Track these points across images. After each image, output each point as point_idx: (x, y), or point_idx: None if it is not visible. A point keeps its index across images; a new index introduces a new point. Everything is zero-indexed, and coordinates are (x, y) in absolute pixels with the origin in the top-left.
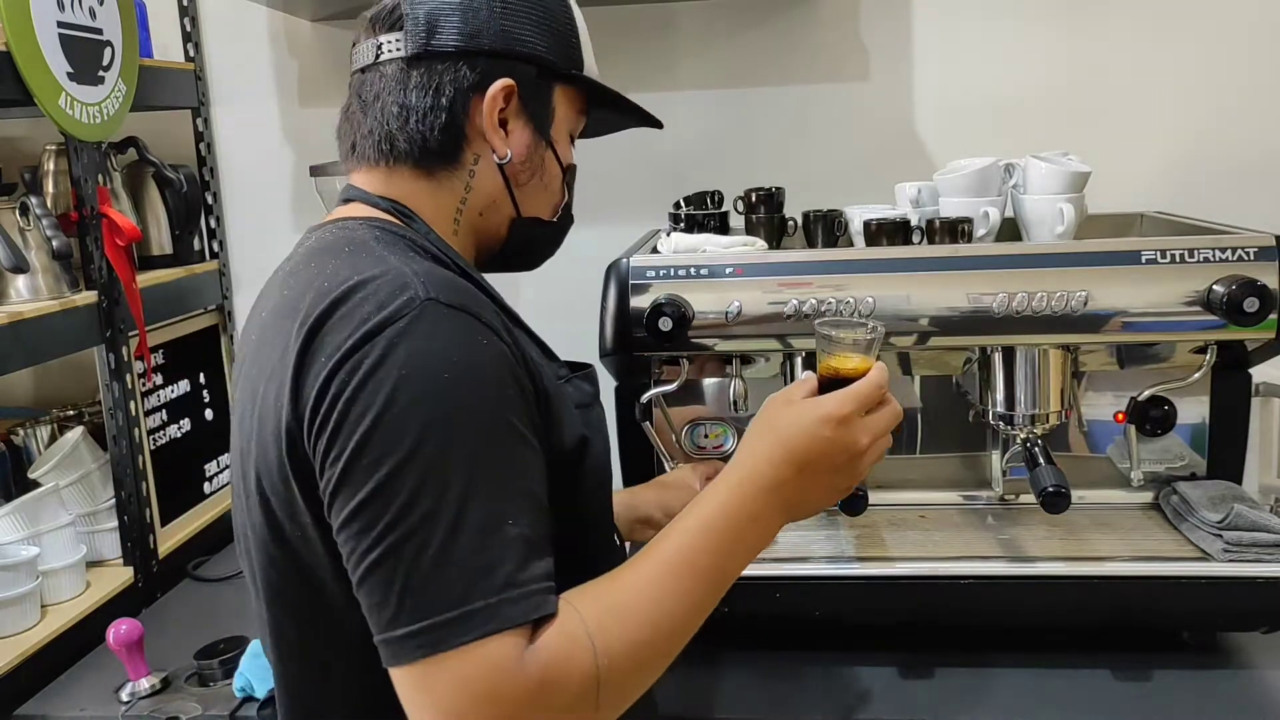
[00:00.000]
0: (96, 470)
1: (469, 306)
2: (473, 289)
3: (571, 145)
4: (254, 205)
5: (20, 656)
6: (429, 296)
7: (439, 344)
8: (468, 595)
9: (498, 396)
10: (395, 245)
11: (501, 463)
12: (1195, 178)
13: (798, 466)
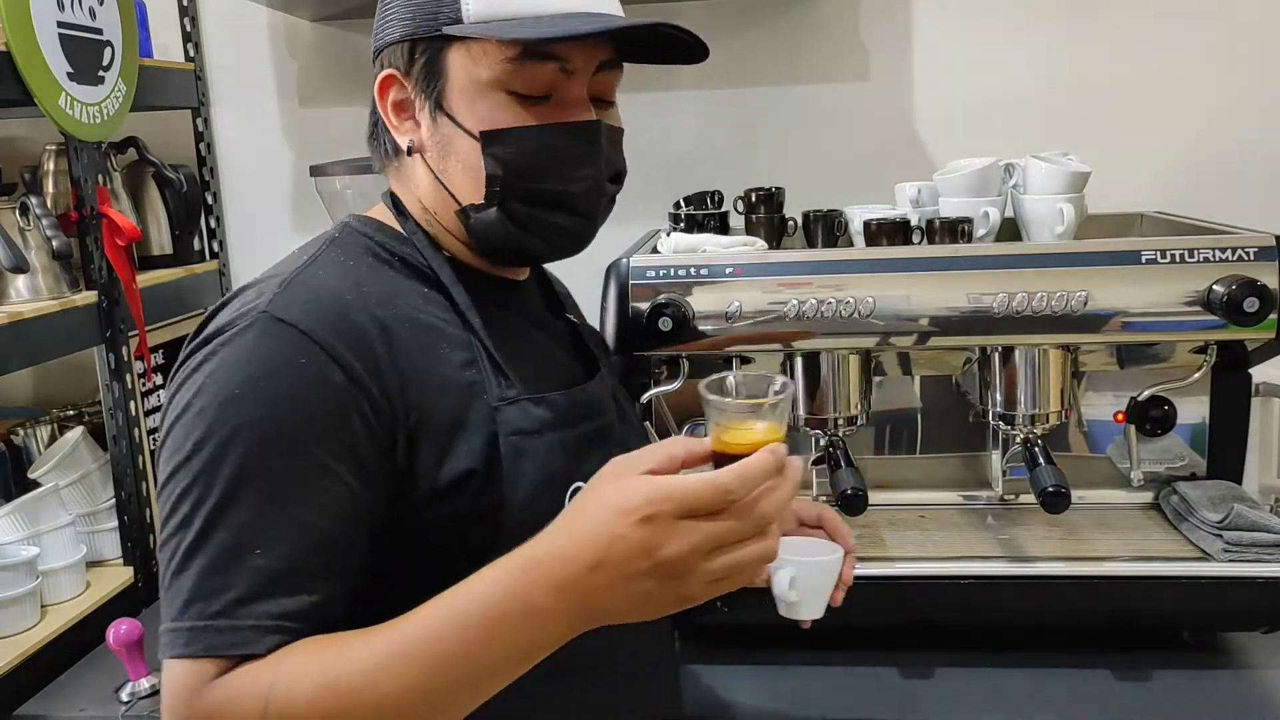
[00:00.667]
0: (96, 470)
1: (303, 324)
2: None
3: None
4: (254, 205)
5: (20, 656)
6: (265, 310)
7: (247, 357)
8: (184, 612)
9: (296, 420)
10: (337, 247)
11: (275, 488)
12: (1195, 178)
13: (590, 565)
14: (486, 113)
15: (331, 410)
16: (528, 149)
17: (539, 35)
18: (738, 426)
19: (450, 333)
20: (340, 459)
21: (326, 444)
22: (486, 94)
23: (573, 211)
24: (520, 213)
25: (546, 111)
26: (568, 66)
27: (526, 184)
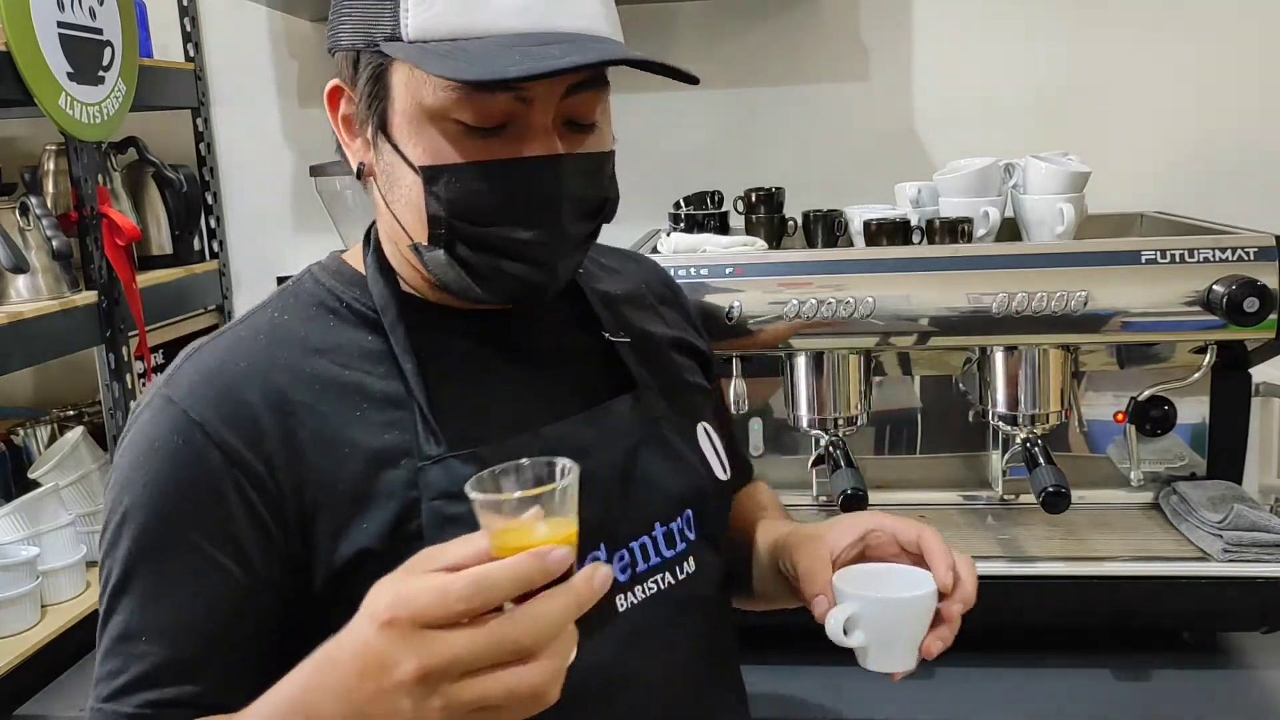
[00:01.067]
0: (96, 470)
1: (185, 402)
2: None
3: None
4: (254, 205)
5: (20, 656)
6: (161, 387)
7: (139, 437)
8: (93, 690)
9: (174, 505)
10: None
11: (158, 575)
12: (1195, 178)
13: (356, 673)
14: (429, 144)
15: (208, 493)
16: (473, 189)
17: (473, 76)
18: (514, 529)
19: (377, 389)
20: (220, 545)
21: (203, 529)
22: (431, 122)
23: (527, 260)
24: (470, 258)
25: (500, 145)
26: (525, 95)
27: (474, 228)
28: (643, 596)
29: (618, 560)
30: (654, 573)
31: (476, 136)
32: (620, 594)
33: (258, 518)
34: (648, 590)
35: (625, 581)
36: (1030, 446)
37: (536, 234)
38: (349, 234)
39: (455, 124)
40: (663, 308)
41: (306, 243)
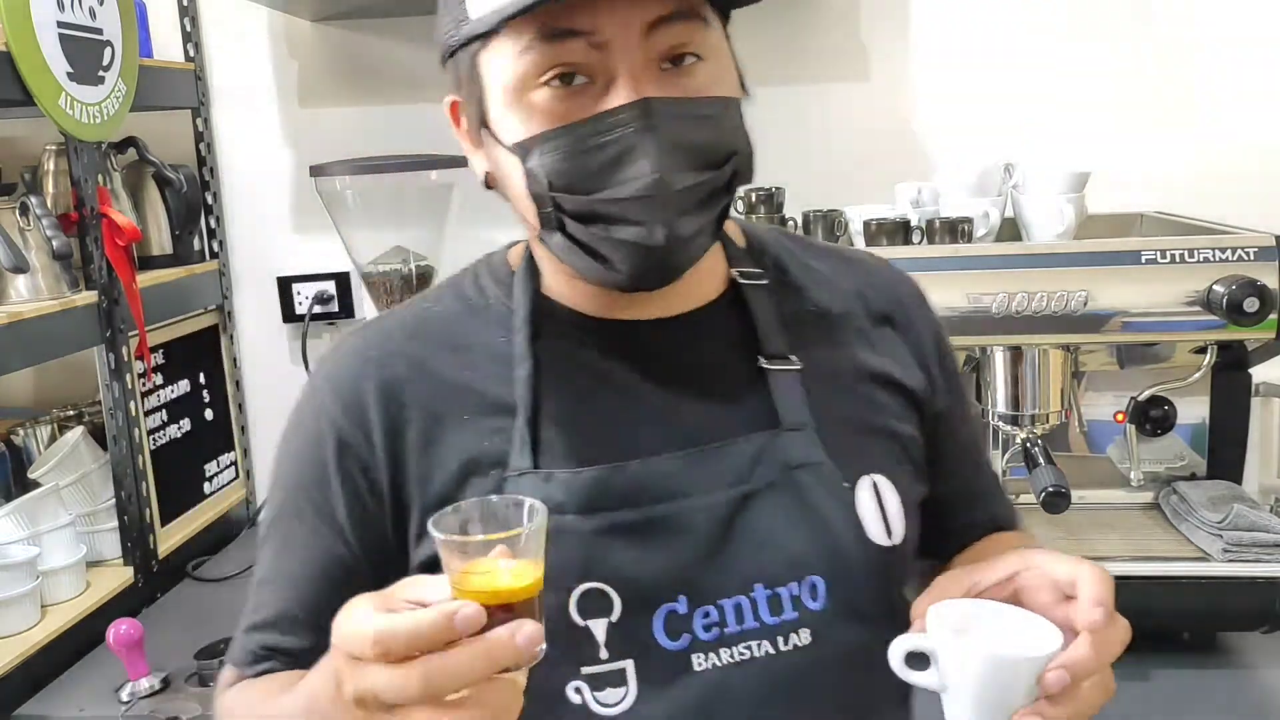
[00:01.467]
0: (96, 470)
1: (321, 385)
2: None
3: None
4: (254, 205)
5: (20, 656)
6: (319, 362)
7: (293, 409)
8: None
9: (296, 477)
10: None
11: (282, 537)
12: (1195, 178)
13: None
14: (518, 120)
15: (320, 472)
16: (563, 154)
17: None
18: (475, 571)
19: (491, 394)
20: (327, 522)
21: (315, 504)
22: (517, 98)
23: (635, 222)
24: (581, 234)
25: (587, 102)
26: (596, 39)
27: (575, 198)
28: (728, 661)
29: (700, 616)
30: (748, 638)
31: (561, 100)
32: (699, 653)
33: (360, 502)
34: (737, 656)
35: (709, 641)
36: (1030, 446)
37: (637, 189)
38: (349, 234)
39: (539, 90)
40: (880, 330)
41: (306, 243)
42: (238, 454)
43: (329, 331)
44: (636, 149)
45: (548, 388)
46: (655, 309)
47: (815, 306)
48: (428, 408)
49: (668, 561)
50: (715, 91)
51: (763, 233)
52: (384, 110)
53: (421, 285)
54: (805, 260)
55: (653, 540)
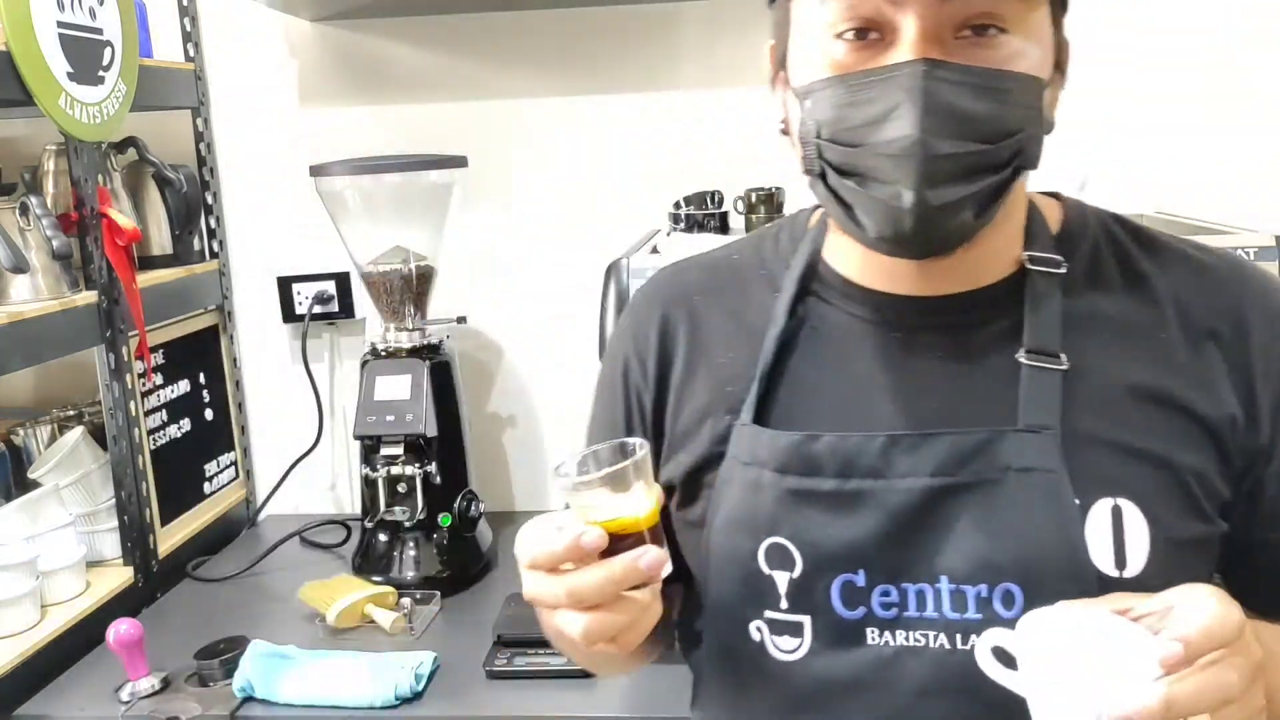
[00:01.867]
0: (96, 470)
1: (630, 305)
2: (660, 291)
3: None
4: (254, 205)
5: (20, 656)
6: (639, 288)
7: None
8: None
9: (601, 377)
10: (740, 243)
11: (589, 428)
12: (1195, 178)
13: None
14: (808, 65)
15: (611, 385)
16: (835, 103)
17: None
18: (591, 505)
19: (746, 345)
20: (607, 427)
21: (606, 410)
22: (812, 43)
23: (888, 181)
24: (839, 186)
25: (872, 57)
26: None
27: (838, 148)
28: (902, 643)
29: (879, 593)
30: (926, 626)
31: (850, 52)
32: (873, 627)
33: (630, 418)
34: (912, 640)
35: (886, 618)
36: None
37: (893, 148)
38: (349, 234)
39: (834, 41)
40: (1192, 345)
41: (306, 243)
42: (238, 454)
43: (329, 331)
44: (902, 107)
45: (798, 349)
46: (928, 285)
47: (1113, 308)
48: (694, 347)
49: (851, 534)
50: (1014, 67)
51: (1090, 218)
52: (384, 110)
53: (421, 285)
54: (1131, 255)
55: (840, 512)
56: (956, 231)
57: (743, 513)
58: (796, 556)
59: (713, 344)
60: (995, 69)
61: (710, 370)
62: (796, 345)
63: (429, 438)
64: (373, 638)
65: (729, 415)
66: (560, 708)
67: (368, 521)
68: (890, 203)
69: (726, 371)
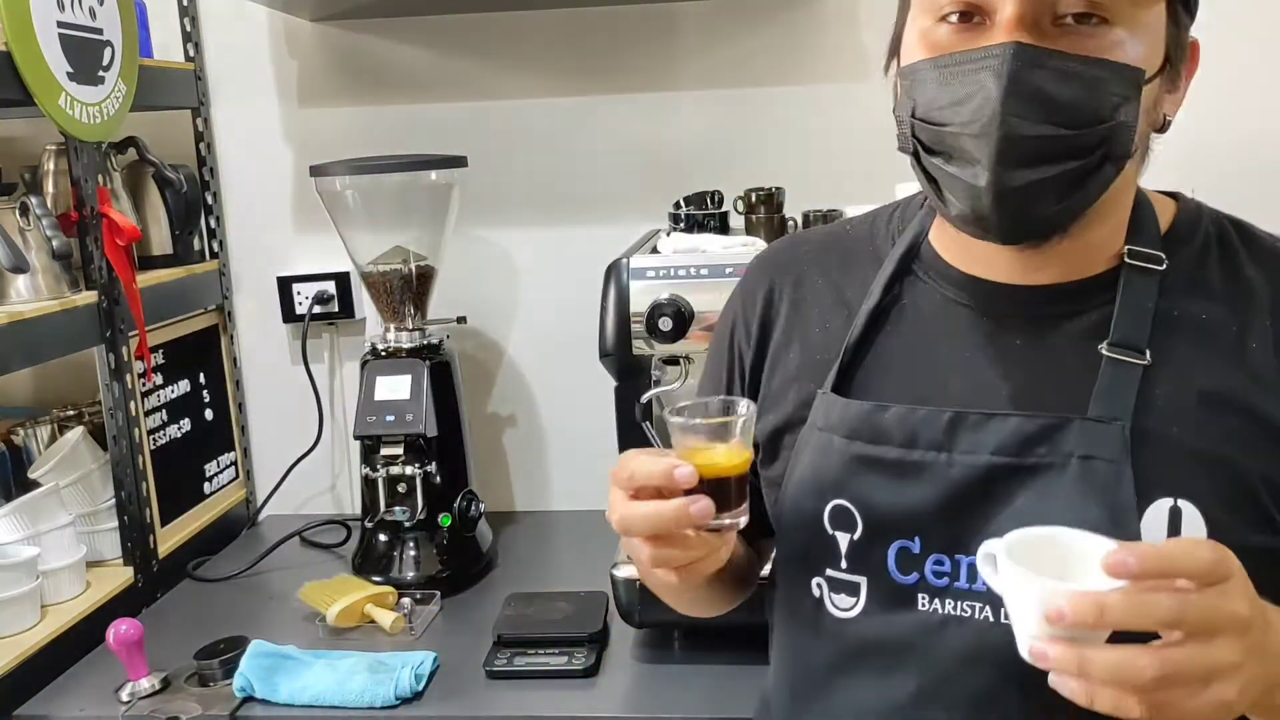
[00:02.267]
0: (96, 470)
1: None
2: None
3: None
4: (254, 205)
5: (20, 656)
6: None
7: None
8: None
9: (716, 331)
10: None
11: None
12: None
13: None
14: (915, 45)
15: (721, 341)
16: (928, 82)
17: None
18: (696, 448)
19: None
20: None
21: (715, 363)
22: (921, 24)
23: (966, 159)
24: (928, 164)
25: (970, 39)
26: None
27: (928, 127)
28: (950, 612)
29: (933, 562)
30: (975, 599)
31: (952, 34)
32: (925, 593)
33: (732, 375)
34: (960, 610)
35: (938, 586)
36: None
37: (975, 127)
38: (349, 234)
39: (940, 23)
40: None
41: (306, 243)
42: (238, 454)
43: (329, 331)
44: (988, 88)
45: (890, 324)
46: (1025, 274)
47: (1208, 311)
48: (794, 315)
49: (909, 503)
50: (1113, 57)
51: (1205, 219)
52: (384, 110)
53: (421, 285)
54: (1239, 259)
55: (903, 481)
56: (1039, 218)
57: (812, 474)
58: (858, 519)
59: (811, 314)
60: (1088, 56)
61: (805, 338)
62: (886, 321)
63: (429, 438)
64: (373, 638)
65: (814, 382)
66: (560, 708)
67: (368, 521)
68: (970, 181)
69: (820, 340)
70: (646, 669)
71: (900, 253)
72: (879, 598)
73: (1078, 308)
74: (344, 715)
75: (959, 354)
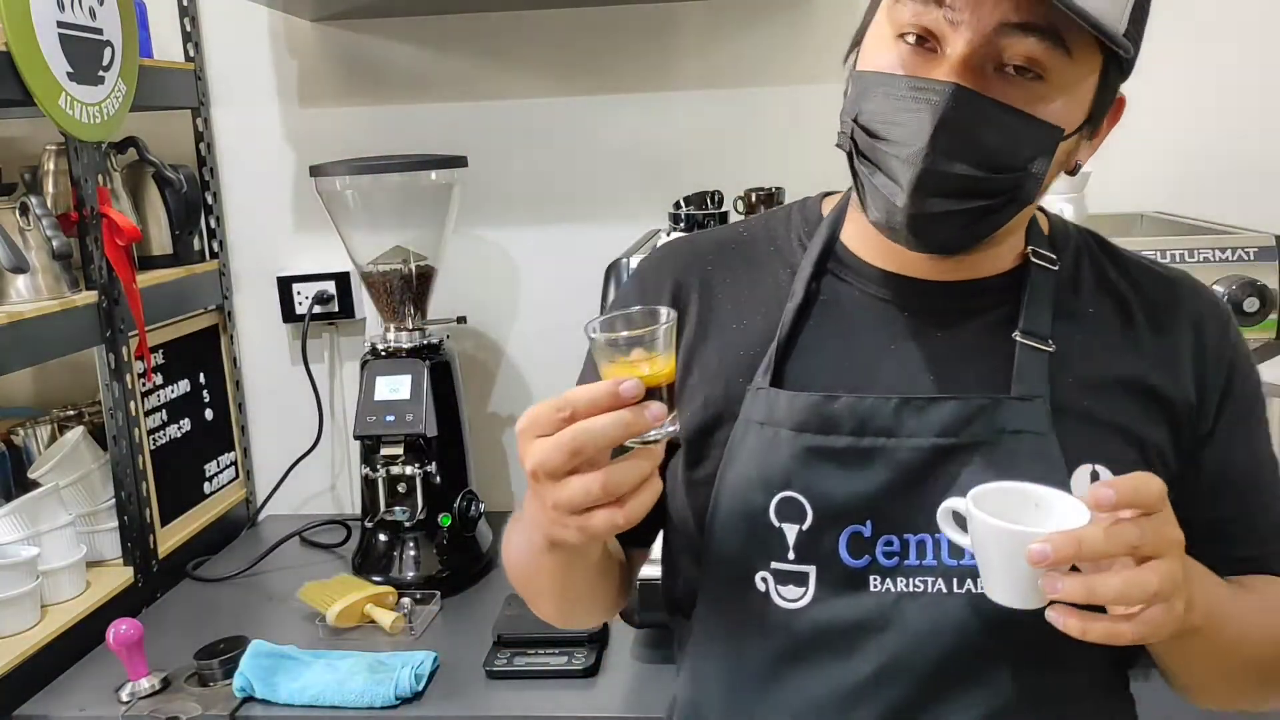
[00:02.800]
0: (96, 470)
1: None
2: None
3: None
4: (254, 205)
5: (20, 656)
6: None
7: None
8: None
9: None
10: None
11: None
12: (1195, 178)
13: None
14: (870, 52)
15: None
16: (873, 95)
17: None
18: (621, 363)
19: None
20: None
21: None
22: (880, 36)
23: (891, 177)
24: (860, 169)
25: (919, 63)
26: (954, 17)
27: (865, 137)
28: (902, 589)
29: (883, 543)
30: (925, 574)
31: (909, 54)
32: (876, 575)
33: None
34: (911, 586)
35: (888, 566)
36: None
37: (902, 153)
38: (349, 234)
39: (897, 40)
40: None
41: (306, 243)
42: (238, 454)
43: (329, 331)
44: (923, 120)
45: (813, 321)
46: (938, 272)
47: (1092, 307)
48: (707, 313)
49: (861, 488)
50: (1037, 113)
51: (1071, 229)
52: (384, 110)
53: (421, 285)
54: (1103, 265)
55: (853, 467)
56: (945, 241)
57: (756, 469)
58: (808, 509)
59: (725, 311)
60: (1017, 109)
61: (723, 336)
62: (810, 317)
63: (429, 438)
64: (373, 638)
65: (742, 379)
66: (560, 708)
67: (368, 521)
68: (889, 197)
69: (739, 338)
70: (646, 669)
71: (817, 253)
72: (829, 584)
73: (989, 302)
74: (344, 715)
75: (885, 346)
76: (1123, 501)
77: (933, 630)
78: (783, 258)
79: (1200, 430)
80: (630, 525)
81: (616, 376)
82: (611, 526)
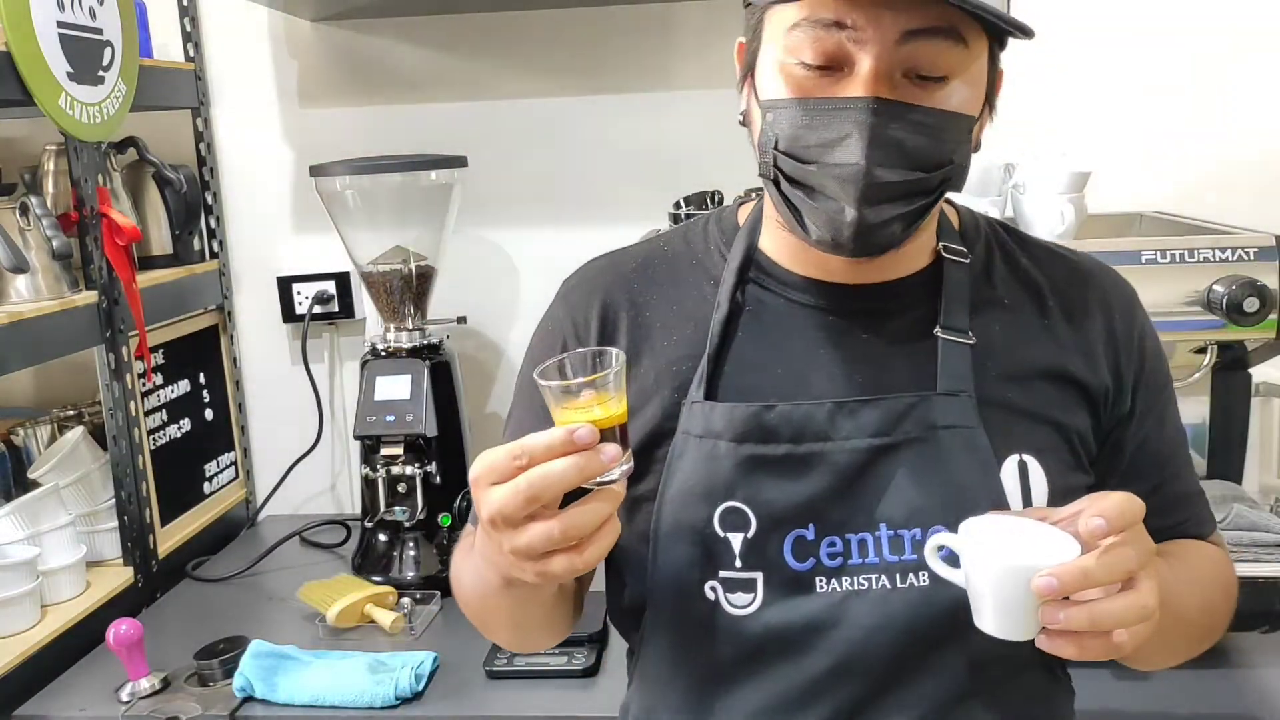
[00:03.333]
0: (96, 470)
1: (562, 292)
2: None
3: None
4: (254, 205)
5: (20, 656)
6: (566, 278)
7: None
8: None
9: (531, 363)
10: (669, 234)
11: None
12: (1195, 178)
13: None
14: (774, 83)
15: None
16: (794, 123)
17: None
18: (573, 407)
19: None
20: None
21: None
22: (780, 64)
23: (832, 198)
24: (791, 194)
25: (831, 86)
26: (858, 37)
27: (793, 163)
28: (848, 588)
29: (826, 545)
30: (869, 571)
31: (815, 78)
32: (821, 576)
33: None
34: (856, 585)
35: (832, 567)
36: None
37: (841, 172)
38: (349, 234)
39: (799, 66)
40: (1071, 326)
41: (306, 243)
42: (238, 454)
43: (329, 331)
44: (852, 137)
45: (740, 331)
46: (857, 275)
47: (1007, 296)
48: (637, 331)
49: (803, 493)
50: (949, 107)
51: (980, 220)
52: (384, 110)
53: (421, 285)
54: (1013, 253)
55: (793, 473)
56: (886, 241)
57: (698, 481)
58: (751, 518)
59: (654, 328)
60: (934, 109)
61: (654, 352)
62: (738, 328)
63: (429, 438)
64: (373, 638)
65: (676, 394)
66: (560, 708)
67: (368, 521)
68: (834, 216)
69: (670, 354)
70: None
71: (738, 264)
72: (777, 589)
73: (907, 301)
74: (344, 715)
75: (813, 351)
76: (1113, 530)
77: (880, 625)
78: (705, 270)
79: (1119, 412)
80: (589, 569)
81: (570, 420)
82: (570, 571)
